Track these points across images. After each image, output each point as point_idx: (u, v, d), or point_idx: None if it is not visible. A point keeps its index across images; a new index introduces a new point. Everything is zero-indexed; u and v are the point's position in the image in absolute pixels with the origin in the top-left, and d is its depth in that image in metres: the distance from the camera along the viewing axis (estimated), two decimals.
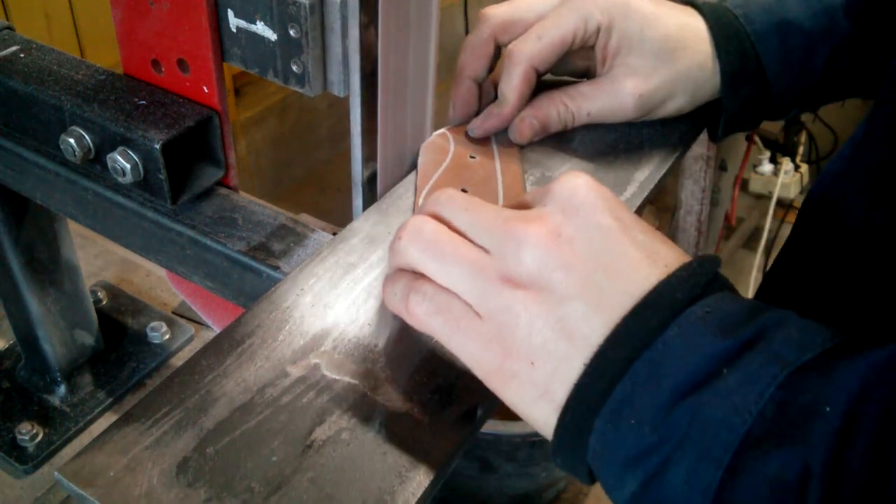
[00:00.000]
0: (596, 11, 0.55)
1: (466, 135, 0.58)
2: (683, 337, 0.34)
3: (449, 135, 0.58)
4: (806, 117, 2.28)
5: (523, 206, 0.41)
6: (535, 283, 0.36)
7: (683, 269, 0.36)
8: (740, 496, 0.31)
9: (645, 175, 0.56)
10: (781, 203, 2.46)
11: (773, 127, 2.27)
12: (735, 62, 0.57)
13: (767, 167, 2.27)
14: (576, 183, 0.39)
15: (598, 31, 0.56)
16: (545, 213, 0.38)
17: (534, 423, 0.38)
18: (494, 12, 0.58)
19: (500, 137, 0.58)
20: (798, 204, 2.59)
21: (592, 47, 0.57)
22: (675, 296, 0.35)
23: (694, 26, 0.57)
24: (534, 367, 0.36)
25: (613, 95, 0.56)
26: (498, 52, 0.59)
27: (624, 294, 0.35)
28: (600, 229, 0.37)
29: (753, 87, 0.58)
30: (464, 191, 0.52)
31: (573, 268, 0.36)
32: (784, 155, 2.27)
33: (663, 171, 0.57)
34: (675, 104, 0.58)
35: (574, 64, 0.60)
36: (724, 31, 0.57)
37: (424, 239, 0.39)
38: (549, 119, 0.57)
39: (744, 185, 2.29)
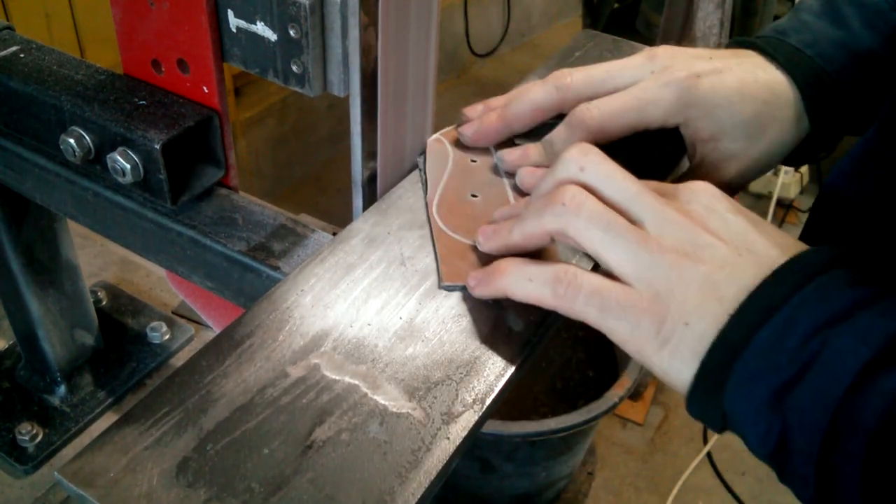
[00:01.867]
0: (678, 109, 0.54)
1: (458, 140, 0.58)
2: (818, 291, 0.38)
3: (444, 139, 0.58)
4: None
5: (647, 184, 0.45)
6: (689, 255, 0.41)
7: (814, 248, 0.41)
8: (860, 410, 0.35)
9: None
10: (781, 203, 2.46)
11: None
12: (822, 107, 0.56)
13: None
14: (706, 185, 0.45)
15: (680, 123, 0.55)
16: (690, 201, 0.44)
17: (679, 382, 0.41)
18: (582, 79, 0.55)
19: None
20: (798, 204, 2.59)
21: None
22: (811, 260, 0.40)
23: (779, 90, 0.55)
24: (688, 327, 0.40)
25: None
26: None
27: (762, 266, 0.40)
28: (738, 219, 0.43)
29: (837, 124, 0.58)
30: (473, 196, 0.53)
31: (721, 242, 0.42)
32: None
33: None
34: (768, 168, 0.58)
35: None
36: (807, 79, 0.56)
37: (588, 211, 0.43)
38: None
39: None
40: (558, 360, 1.76)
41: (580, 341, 1.75)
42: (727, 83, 0.54)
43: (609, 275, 0.43)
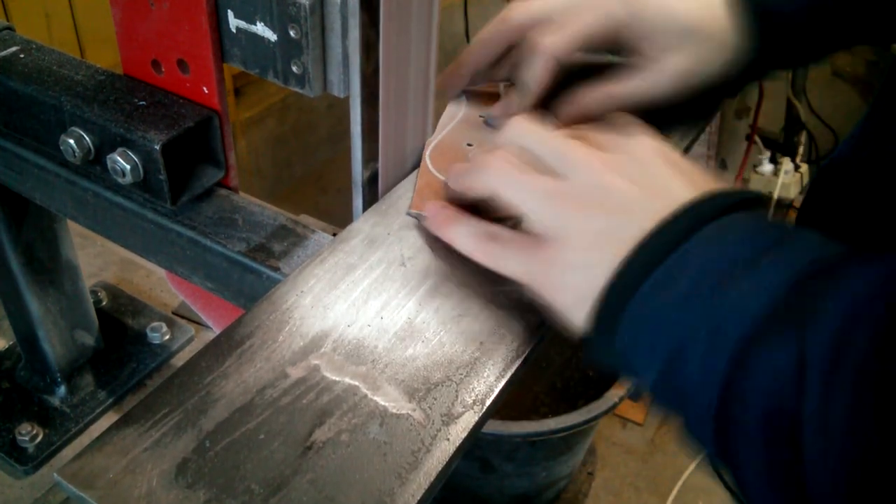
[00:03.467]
0: (619, 8, 0.56)
1: (479, 97, 0.61)
2: (714, 237, 0.38)
3: (464, 98, 0.62)
4: (806, 117, 2.28)
5: (583, 138, 0.46)
6: (598, 203, 0.42)
7: (721, 190, 0.41)
8: (746, 384, 0.35)
9: None
10: (781, 203, 2.46)
11: (774, 127, 2.27)
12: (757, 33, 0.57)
13: (767, 167, 2.27)
14: (643, 138, 0.45)
15: (619, 25, 0.57)
16: (607, 146, 0.45)
17: (575, 321, 0.42)
18: (522, 11, 0.59)
19: None
20: (798, 204, 2.59)
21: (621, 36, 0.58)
22: (714, 201, 0.40)
23: None
24: (587, 270, 0.41)
25: (656, 74, 0.57)
26: (507, 51, 0.60)
27: (666, 210, 0.40)
28: (660, 169, 0.43)
29: (783, 41, 0.58)
30: (469, 145, 0.57)
31: (635, 188, 0.42)
32: (784, 155, 2.27)
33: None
34: (715, 72, 0.58)
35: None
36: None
37: (502, 170, 0.45)
38: (588, 108, 0.58)
39: (744, 184, 2.29)
40: (558, 360, 1.76)
41: (580, 341, 1.74)
42: None
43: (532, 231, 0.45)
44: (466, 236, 0.47)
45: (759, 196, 0.41)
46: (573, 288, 0.42)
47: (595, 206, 0.42)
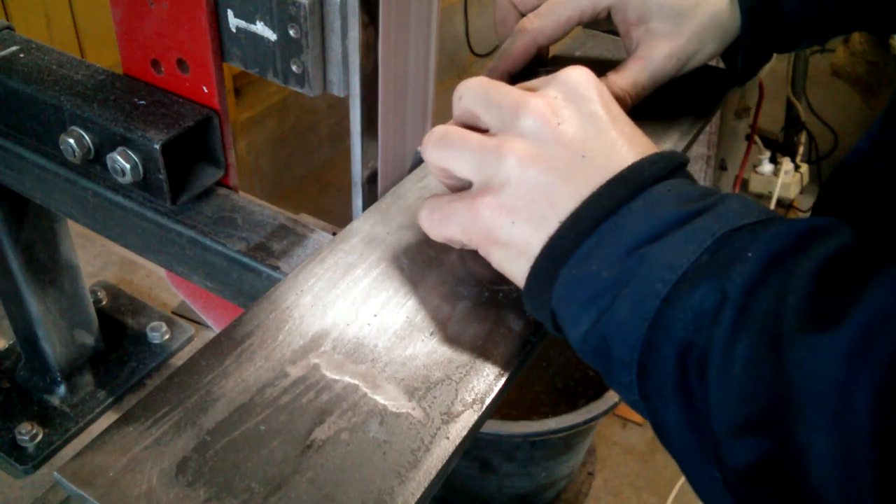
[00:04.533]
0: None
1: None
2: (646, 206, 0.40)
3: None
4: (806, 117, 2.28)
5: (530, 90, 0.45)
6: (527, 151, 0.42)
7: (654, 155, 0.42)
8: (671, 321, 0.37)
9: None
10: (781, 203, 2.46)
11: (774, 127, 2.27)
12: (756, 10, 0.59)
13: (767, 167, 2.27)
14: (578, 73, 0.44)
15: (608, 9, 0.58)
16: (547, 93, 0.43)
17: (514, 277, 0.43)
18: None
19: None
20: (798, 204, 2.59)
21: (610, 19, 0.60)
22: (643, 174, 0.41)
23: None
24: (514, 225, 0.42)
25: (650, 62, 0.58)
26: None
27: (602, 170, 0.41)
28: (593, 116, 0.43)
29: (771, 21, 0.60)
30: None
31: (563, 144, 0.42)
32: (784, 155, 2.27)
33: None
34: (707, 52, 0.60)
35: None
36: None
37: (438, 135, 0.45)
38: None
39: (744, 184, 2.29)
40: (558, 359, 1.76)
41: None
42: None
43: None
44: (424, 218, 0.47)
45: (684, 160, 0.42)
46: (511, 246, 0.42)
47: (535, 161, 0.42)
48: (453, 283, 0.47)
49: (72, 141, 0.53)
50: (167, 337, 0.91)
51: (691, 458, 0.39)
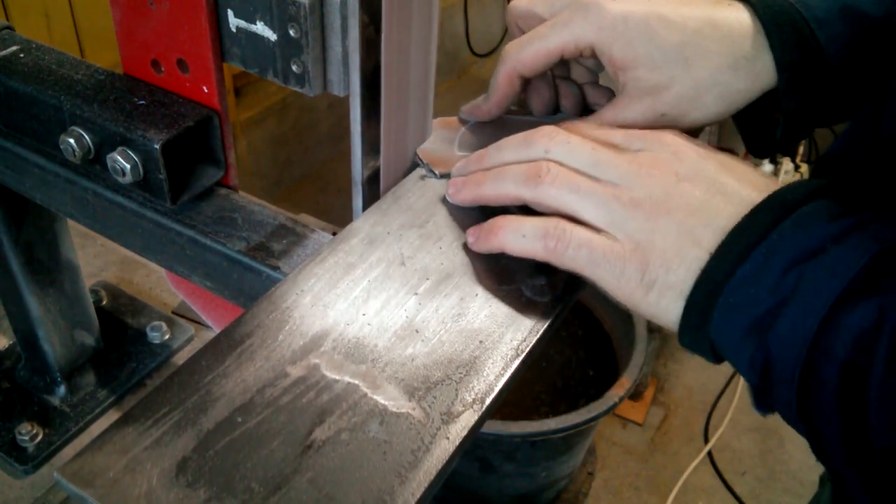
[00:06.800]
0: (589, 32, 0.51)
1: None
2: (796, 226, 0.40)
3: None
4: None
5: (614, 147, 0.48)
6: (662, 204, 0.44)
7: (792, 183, 0.43)
8: (831, 341, 0.37)
9: None
10: None
11: None
12: (793, 52, 0.50)
13: (767, 167, 2.27)
14: (674, 135, 0.47)
15: (592, 48, 0.52)
16: (655, 149, 0.46)
17: (669, 321, 0.44)
18: (515, 4, 0.59)
19: None
20: None
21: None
22: (786, 198, 0.42)
23: (723, 23, 0.51)
24: (670, 272, 0.43)
25: (624, 121, 0.53)
26: None
27: (740, 205, 0.43)
28: (706, 165, 0.45)
29: (815, 83, 0.51)
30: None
31: (693, 187, 0.44)
32: (784, 155, 2.27)
33: None
34: (704, 113, 0.52)
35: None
36: (777, 20, 0.50)
37: (558, 179, 0.46)
38: None
39: None
40: (558, 359, 1.76)
41: (580, 341, 1.75)
42: (651, 14, 0.50)
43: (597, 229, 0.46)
44: (523, 236, 0.47)
45: (818, 187, 0.42)
46: (659, 288, 0.44)
47: (666, 207, 0.44)
48: (453, 282, 0.47)
49: (72, 141, 0.53)
50: (167, 337, 0.91)
51: (852, 477, 0.39)
